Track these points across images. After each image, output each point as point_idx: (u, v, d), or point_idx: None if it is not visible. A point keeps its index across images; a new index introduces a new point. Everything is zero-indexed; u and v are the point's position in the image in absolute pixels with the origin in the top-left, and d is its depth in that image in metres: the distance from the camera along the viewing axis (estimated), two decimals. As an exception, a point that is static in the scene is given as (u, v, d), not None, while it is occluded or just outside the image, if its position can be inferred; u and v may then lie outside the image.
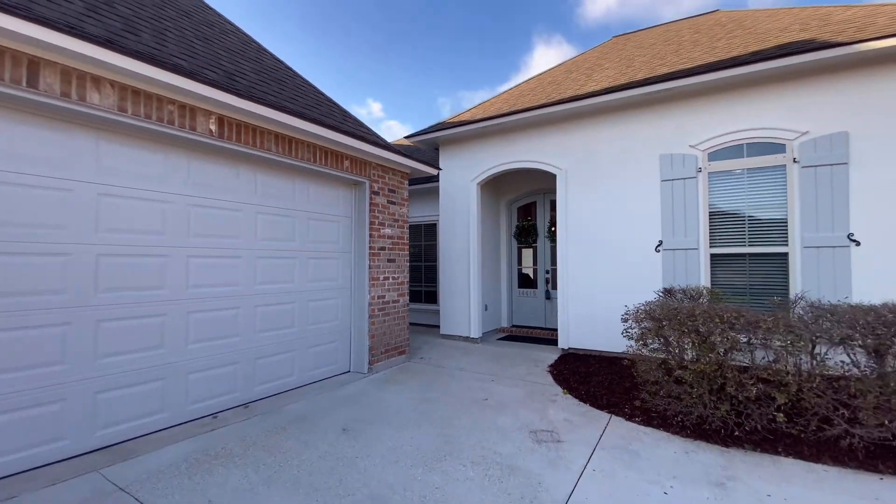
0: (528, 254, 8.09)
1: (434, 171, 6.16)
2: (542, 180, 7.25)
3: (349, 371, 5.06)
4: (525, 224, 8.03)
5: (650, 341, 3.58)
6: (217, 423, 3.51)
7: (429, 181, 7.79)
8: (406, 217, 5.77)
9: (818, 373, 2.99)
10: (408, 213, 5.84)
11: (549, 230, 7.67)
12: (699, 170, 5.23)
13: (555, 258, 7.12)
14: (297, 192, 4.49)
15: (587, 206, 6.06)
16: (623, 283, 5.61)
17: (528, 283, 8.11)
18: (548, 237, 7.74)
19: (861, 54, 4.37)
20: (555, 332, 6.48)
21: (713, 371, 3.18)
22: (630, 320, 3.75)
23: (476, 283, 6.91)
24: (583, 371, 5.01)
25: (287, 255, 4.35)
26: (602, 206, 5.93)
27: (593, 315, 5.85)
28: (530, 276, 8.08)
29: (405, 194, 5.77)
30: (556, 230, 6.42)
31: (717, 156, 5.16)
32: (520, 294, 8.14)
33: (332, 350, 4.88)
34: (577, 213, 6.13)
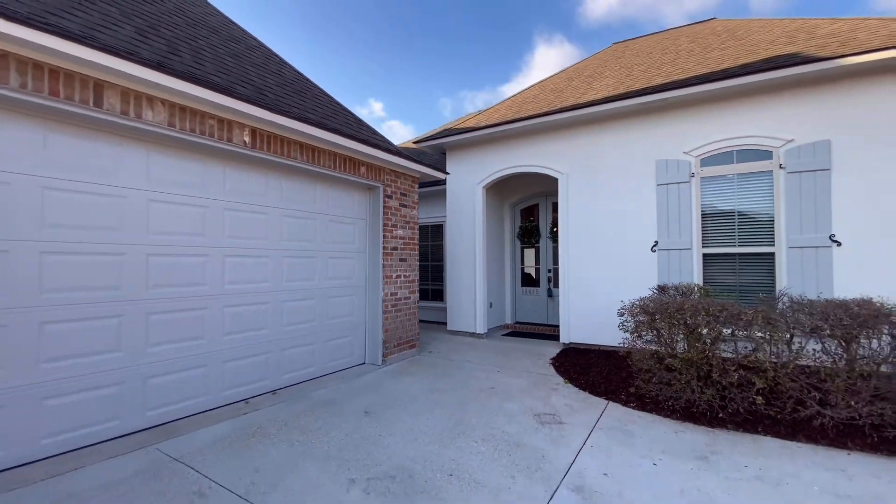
0: (531, 253, 8.43)
1: (442, 176, 6.51)
2: (543, 183, 7.59)
3: (364, 363, 5.41)
4: (528, 225, 8.38)
5: (644, 333, 3.92)
6: (249, 407, 3.86)
7: (435, 184, 8.12)
8: (416, 219, 6.12)
9: (793, 360, 3.33)
10: (417, 215, 6.19)
11: (551, 231, 8.01)
12: (692, 175, 5.57)
13: (556, 258, 7.46)
14: (318, 197, 4.84)
15: (587, 208, 6.40)
16: (621, 281, 5.95)
17: (530, 281, 8.45)
18: (549, 238, 8.08)
19: (842, 68, 4.70)
20: (556, 329, 6.82)
21: (700, 359, 3.53)
22: (626, 314, 4.09)
23: (481, 282, 7.26)
24: (583, 363, 5.35)
25: (309, 255, 4.70)
26: (601, 209, 6.27)
27: (593, 311, 6.19)
28: (533, 275, 8.42)
29: (415, 197, 6.12)
30: (558, 231, 6.76)
31: (709, 162, 5.50)
32: (523, 292, 8.48)
33: (349, 343, 5.23)
34: (578, 215, 6.47)
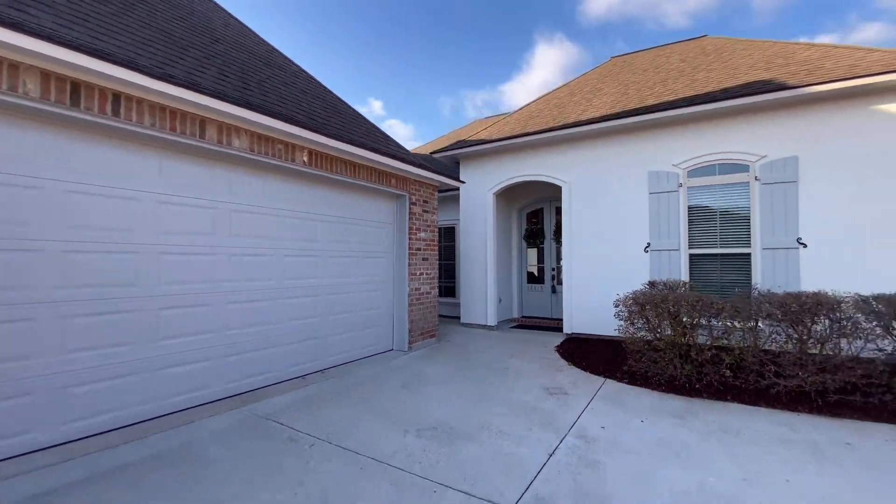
0: (536, 253, 9.21)
1: (458, 184, 7.27)
2: (547, 190, 8.34)
3: (392, 349, 6.18)
4: (533, 227, 9.15)
5: (636, 320, 4.69)
6: (306, 382, 4.63)
7: (447, 190, 8.86)
8: (436, 223, 6.89)
9: (755, 341, 4.10)
10: (437, 219, 6.95)
11: (554, 233, 8.77)
12: (680, 185, 6.33)
13: (559, 257, 8.23)
14: (355, 205, 5.61)
15: (588, 213, 7.17)
16: (617, 278, 6.71)
17: (534, 279, 9.22)
18: (553, 239, 8.84)
19: (809, 95, 5.46)
20: (559, 322, 7.59)
21: (681, 341, 4.29)
22: (621, 305, 4.86)
23: (492, 279, 8.03)
24: (584, 350, 6.12)
25: (348, 255, 5.46)
26: (600, 214, 7.04)
27: (592, 305, 6.95)
28: (536, 273, 9.19)
29: (435, 204, 6.88)
30: (562, 233, 7.52)
31: (694, 173, 6.26)
32: (528, 289, 9.25)
33: (379, 332, 6.00)
34: (580, 219, 7.24)
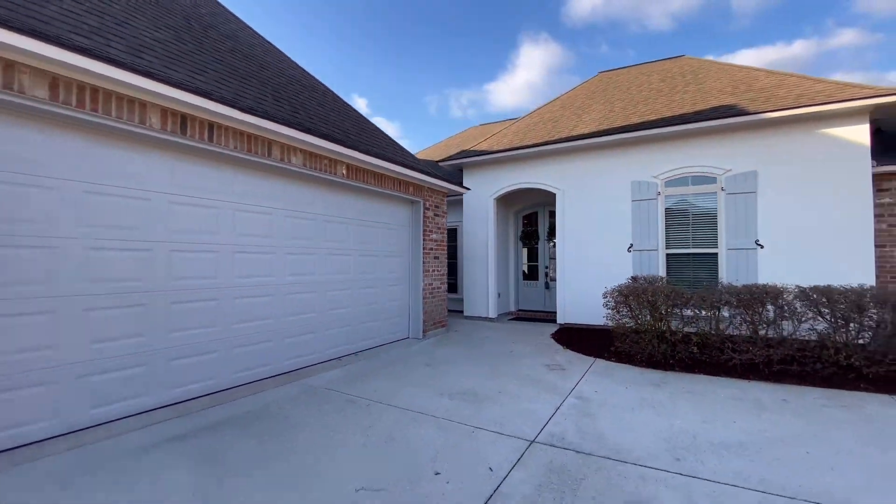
0: (531, 253, 10.11)
1: (464, 191, 8.11)
2: (541, 195, 9.24)
3: (408, 337, 6.98)
4: (529, 229, 10.05)
5: (621, 309, 5.60)
6: (343, 362, 5.41)
7: (451, 195, 9.68)
8: (445, 225, 7.71)
9: (716, 324, 5.04)
10: (445, 222, 7.77)
11: (548, 234, 9.69)
12: (658, 193, 7.29)
13: (552, 256, 9.14)
14: (379, 210, 6.39)
15: (579, 217, 8.09)
16: (604, 274, 7.63)
17: (529, 276, 10.12)
18: (546, 239, 9.76)
19: (764, 120, 6.46)
20: (552, 314, 8.50)
21: (658, 325, 5.21)
22: (608, 296, 5.77)
23: (492, 275, 8.90)
24: (576, 336, 7.03)
25: (372, 254, 6.25)
26: (590, 217, 7.96)
27: (583, 298, 7.87)
28: (531, 271, 10.10)
29: (444, 208, 7.71)
30: (556, 235, 8.43)
31: (671, 183, 7.23)
32: (524, 285, 10.16)
33: (399, 321, 6.80)
34: (572, 223, 8.16)
